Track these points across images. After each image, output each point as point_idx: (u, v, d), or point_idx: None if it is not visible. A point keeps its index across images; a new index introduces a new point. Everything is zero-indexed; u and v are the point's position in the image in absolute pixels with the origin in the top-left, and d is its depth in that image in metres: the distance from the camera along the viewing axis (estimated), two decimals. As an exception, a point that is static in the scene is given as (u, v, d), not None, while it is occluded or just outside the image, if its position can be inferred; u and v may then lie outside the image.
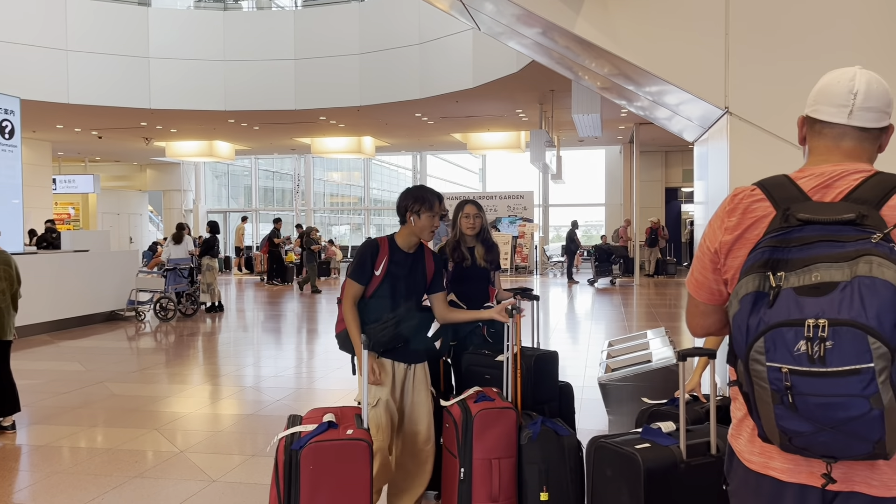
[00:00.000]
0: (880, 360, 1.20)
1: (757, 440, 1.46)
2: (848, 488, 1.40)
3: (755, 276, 1.31)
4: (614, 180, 22.23)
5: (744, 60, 3.62)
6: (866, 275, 1.22)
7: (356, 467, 2.39)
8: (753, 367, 1.29)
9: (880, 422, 1.22)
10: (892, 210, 1.34)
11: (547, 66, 5.35)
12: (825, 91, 1.50)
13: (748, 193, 1.48)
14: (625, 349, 5.08)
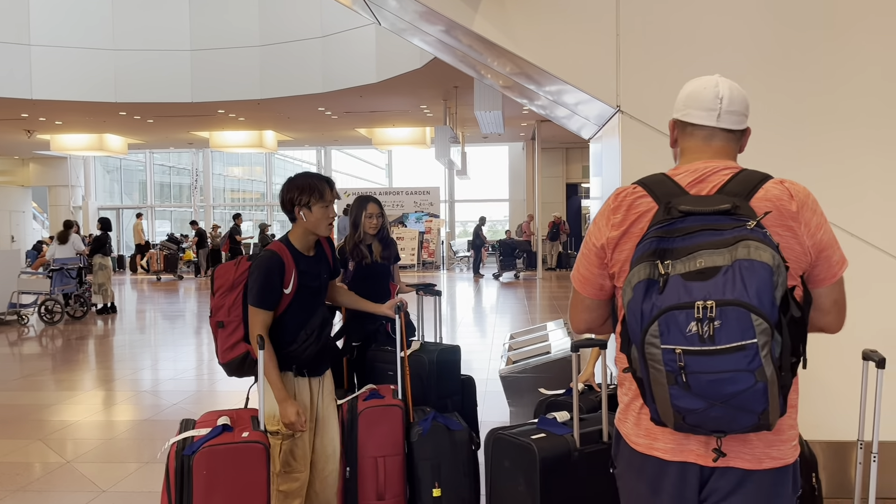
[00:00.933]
0: (762, 336, 1.29)
1: (642, 423, 1.55)
2: (723, 464, 1.49)
3: (646, 264, 1.39)
4: (518, 176, 22.66)
5: (634, 60, 3.76)
6: (745, 258, 1.32)
7: (252, 471, 2.33)
8: (649, 351, 1.36)
9: (764, 394, 1.32)
10: (759, 202, 1.48)
11: (451, 63, 5.39)
12: (694, 97, 1.62)
13: (631, 191, 1.57)
14: (526, 341, 5.18)
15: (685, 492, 1.53)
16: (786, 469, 1.53)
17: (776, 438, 1.52)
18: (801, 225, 1.50)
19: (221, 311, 2.64)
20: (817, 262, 1.54)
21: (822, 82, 3.65)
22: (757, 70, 3.68)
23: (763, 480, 1.50)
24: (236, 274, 2.63)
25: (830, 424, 3.47)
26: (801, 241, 1.50)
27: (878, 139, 3.62)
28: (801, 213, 1.51)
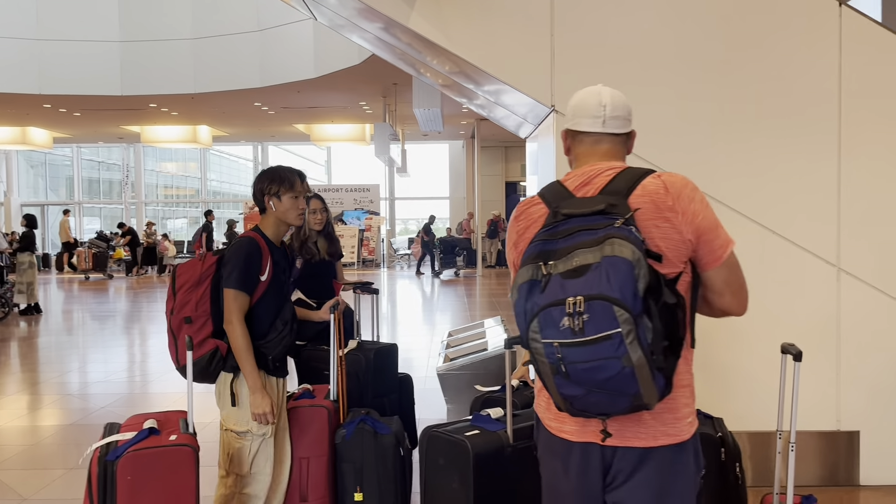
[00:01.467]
0: (626, 325, 1.40)
1: (552, 407, 1.67)
2: (623, 443, 1.61)
3: (530, 266, 1.50)
4: (458, 174, 22.75)
5: (569, 60, 3.81)
6: (610, 255, 1.43)
7: (180, 475, 2.27)
8: (533, 346, 1.48)
9: (633, 377, 1.43)
10: (638, 198, 1.58)
11: (390, 61, 5.37)
12: (580, 107, 1.74)
13: (529, 201, 1.73)
14: (463, 339, 5.21)
15: (588, 471, 1.65)
16: (683, 445, 1.63)
17: (672, 417, 1.62)
18: (679, 214, 1.59)
19: (188, 307, 2.57)
20: (699, 246, 1.62)
21: (745, 88, 3.78)
22: (683, 74, 3.79)
23: (661, 457, 1.61)
24: (203, 268, 2.60)
25: (755, 416, 3.60)
26: (679, 229, 1.59)
27: (800, 143, 3.77)
28: (678, 204, 1.60)
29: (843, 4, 3.76)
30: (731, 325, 3.73)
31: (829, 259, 3.77)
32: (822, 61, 3.75)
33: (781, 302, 3.79)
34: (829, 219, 3.77)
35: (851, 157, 3.75)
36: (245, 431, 2.57)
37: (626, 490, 1.63)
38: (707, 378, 3.74)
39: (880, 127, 3.75)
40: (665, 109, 3.79)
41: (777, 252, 3.78)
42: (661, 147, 3.77)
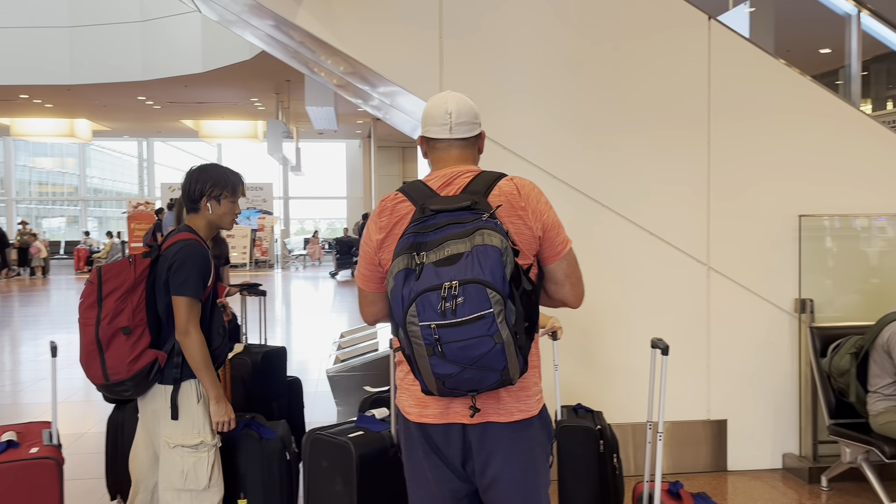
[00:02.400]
0: (497, 306, 1.54)
1: (414, 395, 1.78)
2: (482, 420, 1.75)
3: (404, 256, 1.62)
4: (355, 174, 22.58)
5: (457, 62, 3.86)
6: (481, 244, 1.57)
7: (42, 490, 2.13)
8: (410, 329, 1.58)
9: (502, 353, 1.57)
10: (496, 197, 1.75)
11: (283, 60, 5.25)
12: (429, 115, 1.87)
13: (393, 197, 1.81)
14: (355, 339, 5.17)
15: (450, 449, 1.77)
16: (533, 419, 1.80)
17: (524, 394, 1.78)
18: (529, 213, 1.77)
19: (123, 316, 2.34)
20: (544, 242, 1.80)
21: (624, 93, 3.95)
22: (568, 77, 3.91)
23: (516, 431, 1.77)
24: (137, 272, 2.39)
25: (634, 408, 3.76)
26: (529, 226, 1.77)
27: (675, 148, 3.98)
28: (528, 203, 1.78)
29: (712, 19, 4.00)
30: (611, 322, 3.91)
31: (700, 258, 4.00)
32: (693, 70, 3.98)
33: (657, 299, 3.99)
34: (699, 220, 4.00)
35: (719, 162, 4.00)
36: (198, 443, 2.42)
37: (493, 467, 1.75)
38: (589, 373, 3.91)
39: (744, 134, 4.02)
40: (549, 111, 3.91)
41: (654, 252, 3.98)
42: (543, 148, 3.89)
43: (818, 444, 3.96)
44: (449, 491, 1.80)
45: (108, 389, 2.42)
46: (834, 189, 4.06)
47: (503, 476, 1.76)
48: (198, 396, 2.43)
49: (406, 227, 1.68)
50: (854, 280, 4.12)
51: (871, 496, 3.49)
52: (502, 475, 1.76)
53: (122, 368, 2.33)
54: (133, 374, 2.34)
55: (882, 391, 3.42)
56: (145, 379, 2.37)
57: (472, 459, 1.77)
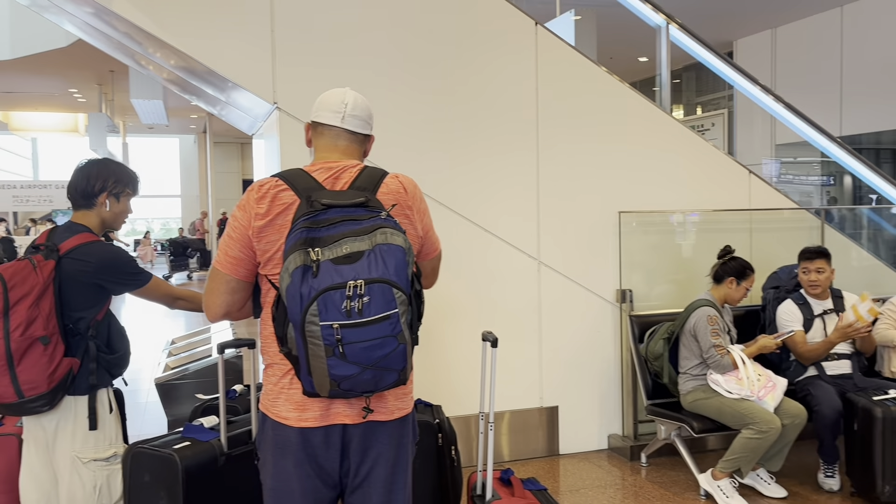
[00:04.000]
0: (402, 306, 1.54)
1: (293, 398, 1.69)
2: (364, 420, 1.71)
3: (299, 252, 1.53)
4: (190, 171, 21.47)
5: (290, 57, 3.77)
6: (383, 242, 1.55)
7: None
8: (309, 329, 1.51)
9: (404, 354, 1.57)
10: (384, 195, 1.72)
11: (106, 51, 4.86)
12: (324, 101, 1.84)
13: (275, 184, 1.70)
14: (187, 345, 4.91)
15: (328, 451, 1.70)
16: (408, 417, 1.81)
17: (402, 392, 1.78)
18: (414, 212, 1.78)
19: (37, 324, 2.14)
20: (425, 241, 1.84)
21: (460, 96, 4.05)
22: (404, 78, 3.94)
23: (393, 429, 1.76)
24: (44, 276, 2.18)
25: (471, 401, 3.86)
26: (415, 225, 1.78)
27: (507, 149, 4.13)
28: (414, 203, 1.79)
29: (539, 25, 4.19)
30: (449, 317, 3.99)
31: (531, 253, 4.18)
32: (522, 74, 4.15)
33: (494, 294, 4.12)
34: (530, 217, 4.18)
35: (547, 163, 4.20)
36: (111, 455, 2.32)
37: (367, 465, 1.72)
38: (428, 368, 3.96)
39: (568, 136, 4.25)
40: (388, 111, 3.91)
41: (489, 249, 4.11)
42: (383, 148, 3.89)
43: (638, 423, 4.29)
44: (313, 502, 1.73)
45: (18, 408, 2.20)
46: (650, 187, 4.40)
47: (374, 475, 1.73)
48: (110, 406, 2.35)
49: (294, 220, 1.61)
50: (668, 271, 4.49)
51: (684, 468, 3.82)
52: (373, 474, 1.73)
53: (41, 381, 2.15)
54: (53, 386, 2.18)
55: (690, 372, 3.75)
56: (62, 390, 2.22)
57: (349, 459, 1.72)
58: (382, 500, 1.75)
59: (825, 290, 3.88)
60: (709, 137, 9.35)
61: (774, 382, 3.57)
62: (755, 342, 3.71)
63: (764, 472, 3.65)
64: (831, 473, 3.67)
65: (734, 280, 3.74)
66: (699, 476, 3.63)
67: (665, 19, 4.75)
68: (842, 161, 5.45)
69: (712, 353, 3.60)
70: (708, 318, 3.65)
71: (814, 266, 3.83)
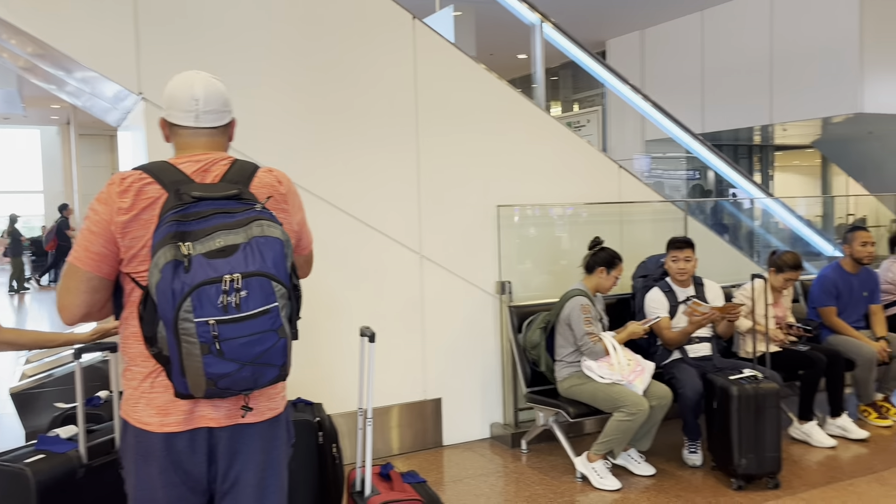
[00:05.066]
0: (281, 299, 1.50)
1: (154, 402, 1.62)
2: (232, 422, 1.65)
3: (169, 247, 1.46)
4: (53, 165, 20.03)
5: (156, 45, 3.57)
6: (260, 235, 1.50)
7: None
8: (183, 326, 1.45)
9: (284, 348, 1.53)
10: (257, 188, 1.67)
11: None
12: (174, 98, 1.72)
13: (138, 177, 1.61)
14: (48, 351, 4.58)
15: (194, 456, 1.63)
16: (280, 417, 1.74)
17: (274, 392, 1.73)
18: (290, 206, 1.74)
19: None
20: (301, 234, 1.81)
21: (339, 89, 3.99)
22: (280, 70, 3.84)
23: (264, 430, 1.69)
24: None
25: (355, 398, 3.82)
26: (291, 218, 1.74)
27: (389, 145, 4.11)
28: (289, 197, 1.75)
29: (417, 19, 4.20)
30: (331, 314, 3.94)
31: (413, 247, 4.19)
32: (401, 68, 4.14)
33: (377, 288, 4.10)
34: (412, 212, 4.19)
35: (427, 158, 4.22)
36: None
37: (236, 469, 1.66)
38: (309, 365, 3.88)
39: (448, 131, 4.29)
40: (263, 106, 3.80)
41: (371, 243, 4.08)
42: (258, 142, 3.77)
43: (519, 411, 4.40)
44: None
45: None
46: (528, 182, 4.51)
47: (243, 479, 1.67)
48: None
49: (162, 214, 1.53)
50: (545, 262, 4.63)
51: (562, 453, 3.96)
52: (242, 478, 1.67)
53: None
54: None
55: (566, 359, 3.88)
56: None
57: (217, 463, 1.65)
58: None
59: (689, 278, 4.13)
60: (584, 133, 9.74)
61: (643, 366, 3.76)
62: (625, 329, 3.90)
63: (634, 452, 3.84)
64: (694, 449, 3.92)
65: (604, 270, 3.91)
66: (575, 459, 3.78)
67: (539, 18, 4.89)
68: (702, 157, 5.82)
69: (585, 340, 3.75)
70: (581, 307, 3.80)
71: (682, 255, 4.06)
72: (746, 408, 3.50)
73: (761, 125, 8.93)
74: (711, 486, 3.62)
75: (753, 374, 3.63)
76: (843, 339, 4.40)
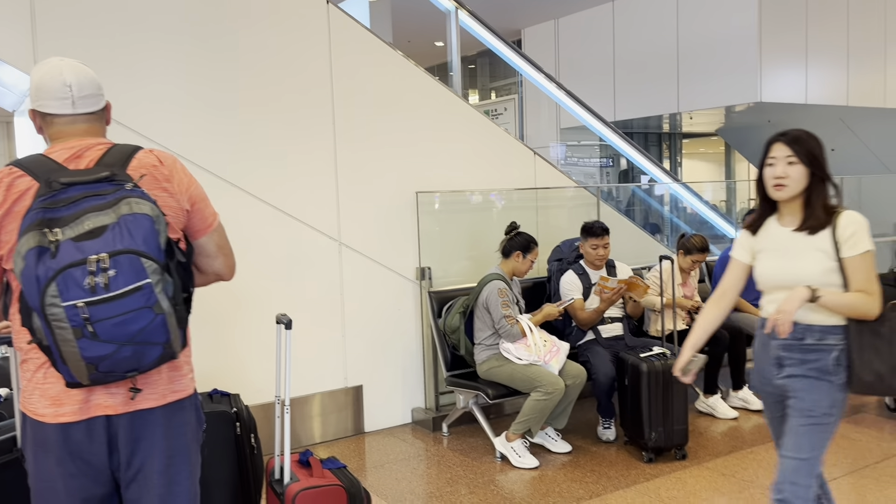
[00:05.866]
0: (154, 275, 1.48)
1: (47, 393, 1.60)
2: (132, 408, 1.63)
3: (34, 233, 1.44)
4: (-57, 153, 18.75)
5: (54, 25, 3.41)
6: (128, 213, 1.48)
7: None
8: (51, 312, 1.42)
9: (164, 325, 1.50)
10: (135, 170, 1.64)
11: None
12: (43, 88, 1.67)
13: (9, 172, 1.59)
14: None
15: (93, 446, 1.61)
16: (184, 402, 1.71)
17: (177, 374, 1.70)
18: (174, 185, 1.69)
19: None
20: (193, 215, 1.74)
21: (252, 75, 3.90)
22: (187, 56, 3.72)
23: (168, 415, 1.67)
24: None
25: (273, 388, 3.79)
26: (176, 198, 1.69)
27: (306, 133, 4.06)
28: (174, 175, 1.70)
29: (331, 4, 4.15)
30: (247, 303, 3.87)
31: (332, 235, 4.17)
32: (315, 53, 4.09)
33: (295, 277, 4.06)
34: (329, 199, 4.16)
35: (344, 144, 4.19)
36: None
37: (139, 457, 1.63)
38: (225, 356, 3.82)
39: (365, 117, 4.27)
40: (172, 95, 3.68)
41: (288, 231, 4.03)
42: (168, 126, 3.66)
43: (440, 395, 4.46)
44: (80, 501, 1.62)
45: None
46: (446, 168, 4.55)
47: (148, 466, 1.64)
48: None
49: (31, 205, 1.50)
50: (463, 248, 4.68)
51: (483, 434, 4.04)
52: (147, 465, 1.64)
53: None
54: None
55: (485, 342, 3.96)
56: None
57: (119, 451, 1.62)
58: (162, 493, 1.67)
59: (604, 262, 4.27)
60: (502, 122, 9.87)
61: (558, 347, 3.87)
62: (541, 311, 4.00)
63: (551, 431, 3.95)
64: (608, 426, 4.07)
65: (520, 254, 4.00)
66: (495, 440, 3.86)
67: (455, 5, 4.91)
68: (614, 144, 6.01)
69: (503, 323, 3.82)
70: (498, 290, 3.87)
71: (602, 242, 4.19)
72: (656, 384, 3.66)
73: (669, 113, 9.28)
74: (624, 459, 3.78)
75: (662, 351, 3.79)
76: (744, 316, 4.66)
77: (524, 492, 3.43)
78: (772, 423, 2.35)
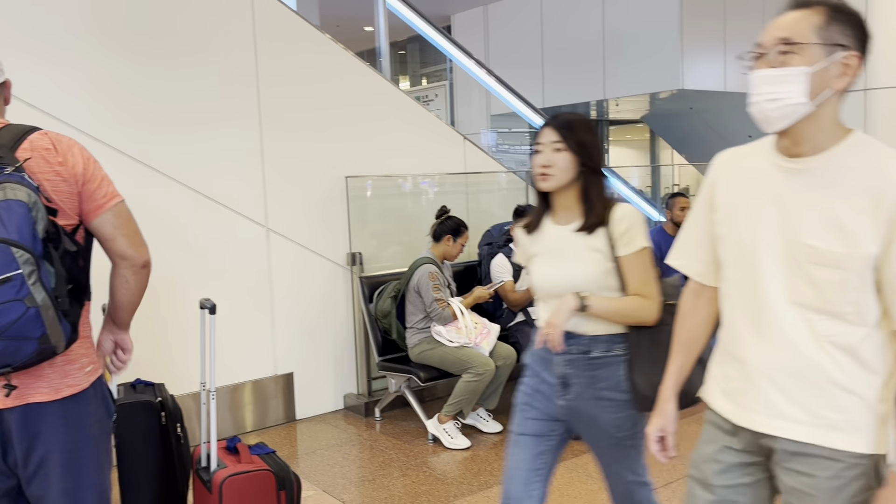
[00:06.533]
0: (27, 266, 1.40)
1: None
2: (21, 402, 1.57)
3: None
4: None
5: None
6: (3, 199, 1.42)
7: None
8: None
9: (38, 318, 1.43)
10: (25, 152, 1.58)
11: None
12: None
13: None
14: None
15: None
16: (84, 394, 1.65)
17: (71, 368, 1.63)
18: (67, 167, 1.62)
19: None
20: (83, 196, 1.65)
21: (176, 58, 3.78)
22: (106, 40, 3.58)
23: (66, 409, 1.61)
24: None
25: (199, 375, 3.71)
26: (69, 182, 1.62)
27: (230, 116, 3.96)
28: (66, 159, 1.63)
29: (255, -16, 4.05)
30: (170, 290, 3.77)
31: (259, 220, 4.09)
32: (239, 36, 3.99)
33: (222, 263, 3.97)
34: (256, 184, 4.08)
35: (271, 129, 4.12)
36: None
37: (38, 453, 1.58)
38: (148, 346, 3.69)
39: (292, 102, 4.20)
40: (91, 81, 3.53)
41: (212, 216, 3.94)
42: (82, 107, 3.52)
43: (372, 380, 4.45)
44: None
45: None
46: (376, 153, 4.52)
47: (49, 461, 1.58)
48: None
49: None
50: (394, 232, 4.68)
51: (415, 418, 4.06)
52: (48, 460, 1.58)
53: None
54: None
55: (416, 326, 3.97)
56: None
57: (14, 447, 1.56)
58: (67, 486, 1.61)
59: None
60: (433, 108, 9.85)
61: (489, 329, 3.92)
62: (472, 294, 4.04)
63: (483, 411, 4.01)
64: (538, 405, 4.15)
65: (451, 238, 4.02)
66: (427, 422, 3.89)
67: (383, -12, 4.88)
68: (543, 129, 6.08)
69: (434, 306, 3.85)
70: (430, 274, 3.89)
71: (534, 225, 4.24)
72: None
73: (596, 100, 9.46)
74: (553, 437, 3.86)
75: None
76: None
77: (456, 472, 3.47)
78: (518, 442, 2.13)
